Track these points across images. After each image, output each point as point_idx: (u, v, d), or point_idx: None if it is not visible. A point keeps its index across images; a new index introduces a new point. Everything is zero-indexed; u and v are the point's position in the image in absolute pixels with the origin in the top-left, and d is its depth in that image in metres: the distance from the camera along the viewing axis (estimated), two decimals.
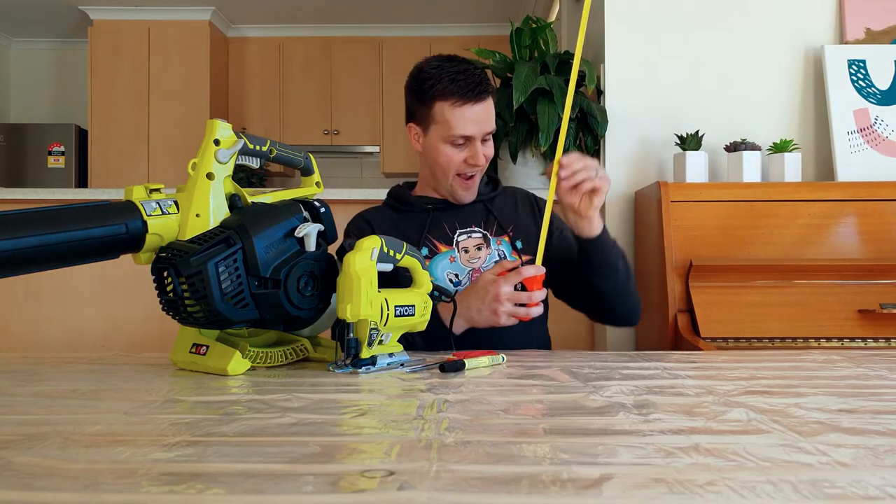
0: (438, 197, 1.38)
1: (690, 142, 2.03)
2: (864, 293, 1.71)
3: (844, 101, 2.10)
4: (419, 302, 0.96)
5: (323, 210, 0.94)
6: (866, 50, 2.13)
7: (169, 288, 0.83)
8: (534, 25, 2.24)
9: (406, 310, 0.93)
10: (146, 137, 4.81)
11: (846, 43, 2.17)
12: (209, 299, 0.81)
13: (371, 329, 0.88)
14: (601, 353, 1.06)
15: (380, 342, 0.90)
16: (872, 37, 2.18)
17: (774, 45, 2.20)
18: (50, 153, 4.77)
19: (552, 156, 2.10)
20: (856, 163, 2.06)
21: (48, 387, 0.79)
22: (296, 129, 5.20)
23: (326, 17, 5.01)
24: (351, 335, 0.87)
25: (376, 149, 5.29)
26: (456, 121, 1.26)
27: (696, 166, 2.00)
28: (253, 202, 0.93)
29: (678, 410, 0.64)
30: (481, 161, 1.29)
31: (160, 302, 0.86)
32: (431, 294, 1.00)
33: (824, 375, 0.86)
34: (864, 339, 1.66)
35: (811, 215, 1.83)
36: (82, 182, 4.82)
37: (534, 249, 1.14)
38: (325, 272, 0.91)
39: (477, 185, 1.35)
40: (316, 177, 1.06)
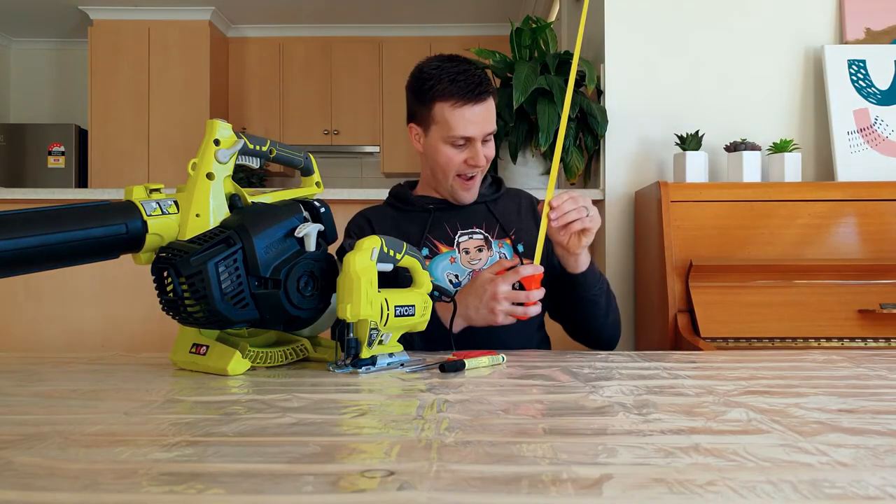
0: (439, 197, 1.38)
1: (690, 142, 2.03)
2: (864, 293, 1.71)
3: (844, 101, 2.10)
4: (419, 302, 0.96)
5: (323, 210, 0.94)
6: (866, 50, 2.13)
7: (169, 288, 0.83)
8: (534, 25, 2.24)
9: (406, 310, 0.93)
10: (146, 137, 4.81)
11: (846, 43, 2.17)
12: (209, 299, 0.81)
13: (371, 329, 0.88)
14: (601, 353, 1.06)
15: (380, 342, 0.90)
16: (872, 37, 2.18)
17: (774, 45, 2.20)
18: (50, 153, 4.77)
19: (552, 156, 2.10)
20: (856, 163, 2.06)
21: (48, 387, 0.79)
22: (296, 129, 5.20)
23: (326, 17, 5.01)
24: (351, 335, 0.87)
25: (376, 149, 5.29)
26: (456, 122, 1.26)
27: (696, 166, 2.00)
28: (253, 202, 0.93)
29: (678, 410, 0.64)
30: (481, 162, 1.29)
31: (160, 302, 0.86)
32: (431, 294, 1.00)
33: (824, 375, 0.86)
34: (864, 339, 1.65)
35: (811, 215, 1.83)
36: (82, 182, 4.82)
37: (535, 254, 1.13)
38: (325, 272, 0.91)
39: (477, 186, 1.35)
40: (316, 177, 1.06)
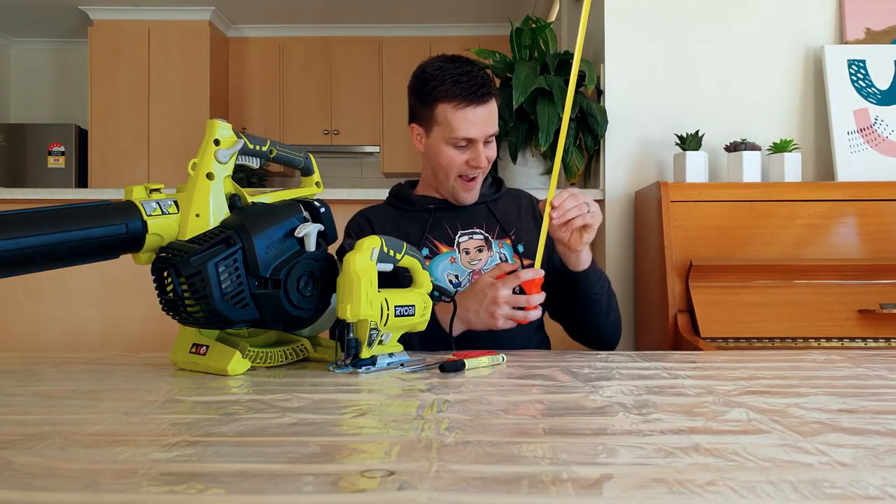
0: (440, 197, 1.38)
1: (690, 142, 2.03)
2: (864, 293, 1.71)
3: (844, 101, 2.10)
4: (419, 302, 0.96)
5: (323, 210, 0.94)
6: (866, 50, 2.13)
7: (169, 288, 0.83)
8: (534, 25, 2.24)
9: (406, 310, 0.93)
10: (146, 137, 4.80)
11: (846, 43, 2.17)
12: (209, 299, 0.81)
13: (371, 329, 0.88)
14: (601, 353, 1.06)
15: (380, 342, 0.90)
16: (872, 37, 2.18)
17: (774, 45, 2.20)
18: (50, 153, 4.77)
19: (552, 156, 2.10)
20: (856, 163, 2.06)
21: (48, 387, 0.79)
22: (296, 129, 5.20)
23: (326, 17, 5.01)
24: (351, 335, 0.87)
25: (376, 149, 5.29)
26: (458, 123, 1.25)
27: (696, 166, 2.00)
28: (253, 202, 0.93)
29: (678, 410, 0.64)
30: (483, 163, 1.29)
31: (160, 302, 0.86)
32: (431, 294, 1.00)
33: (824, 375, 0.86)
34: (864, 339, 1.65)
35: (811, 215, 1.83)
36: (82, 182, 4.82)
37: (535, 253, 1.13)
38: (325, 272, 0.91)
39: (479, 187, 1.35)
40: (316, 177, 1.06)
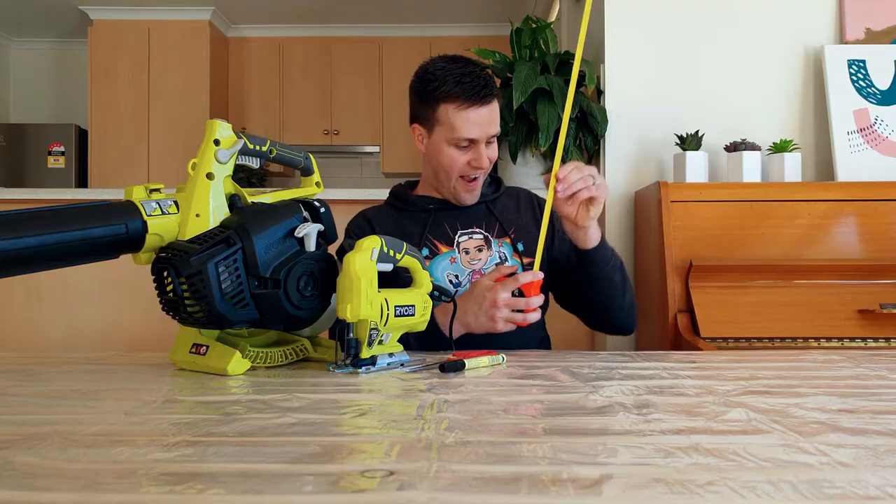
0: (440, 197, 1.38)
1: (690, 142, 2.03)
2: (864, 293, 1.71)
3: (844, 101, 2.10)
4: (419, 302, 0.96)
5: (323, 210, 0.94)
6: (866, 50, 2.13)
7: (169, 288, 0.83)
8: (534, 25, 2.24)
9: (406, 310, 0.93)
10: (146, 137, 4.80)
11: (846, 43, 2.17)
12: (209, 299, 0.81)
13: (371, 329, 0.88)
14: (601, 353, 1.06)
15: (380, 342, 0.90)
16: (872, 37, 2.18)
17: (774, 45, 2.20)
18: (50, 153, 4.77)
19: (552, 156, 2.10)
20: (856, 163, 2.06)
21: (48, 387, 0.79)
22: (296, 129, 5.20)
23: (326, 17, 5.01)
24: (351, 335, 0.87)
25: (376, 149, 5.29)
26: (460, 123, 1.25)
27: (696, 166, 2.00)
28: (253, 202, 0.93)
29: (678, 410, 0.64)
30: (485, 164, 1.29)
31: (160, 302, 0.86)
32: (431, 294, 1.00)
33: (824, 375, 0.86)
34: (864, 339, 1.65)
35: (811, 215, 1.83)
36: (82, 182, 4.81)
37: (535, 251, 1.13)
38: (325, 272, 0.91)
39: (480, 188, 1.35)
40: (316, 177, 1.06)
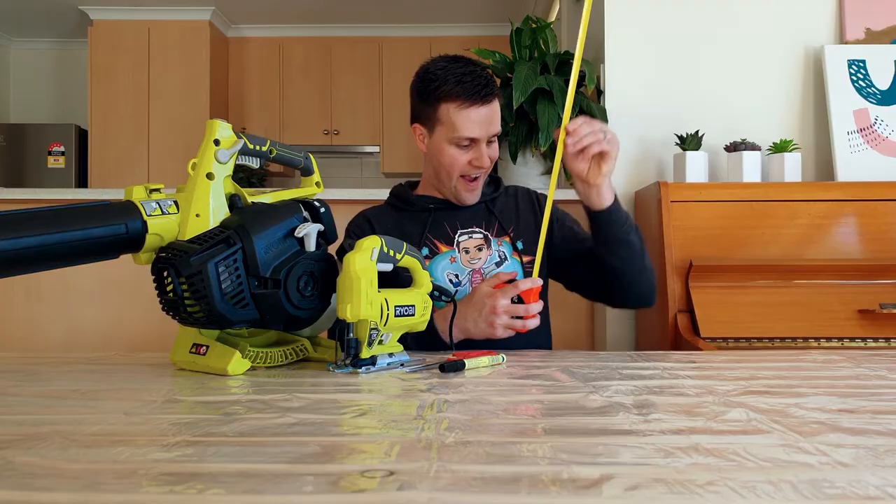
0: (441, 197, 1.38)
1: (690, 142, 2.03)
2: (864, 293, 1.71)
3: (844, 101, 2.10)
4: (419, 302, 0.96)
5: (323, 210, 0.94)
6: (866, 50, 2.13)
7: (169, 288, 0.83)
8: (534, 25, 2.24)
9: (406, 310, 0.93)
10: (146, 137, 4.80)
11: (846, 43, 2.17)
12: (209, 299, 0.81)
13: (371, 329, 0.88)
14: (601, 353, 1.06)
15: (380, 342, 0.90)
16: (872, 37, 2.18)
17: (774, 45, 2.20)
18: (50, 153, 4.77)
19: (552, 156, 2.10)
20: (856, 163, 2.06)
21: (48, 387, 0.79)
22: (296, 129, 5.19)
23: (326, 17, 5.01)
24: (351, 335, 0.87)
25: (376, 149, 5.29)
26: (461, 123, 1.25)
27: (696, 166, 2.00)
28: (253, 202, 0.93)
29: (678, 410, 0.64)
30: (486, 163, 1.29)
31: (160, 302, 0.86)
32: (431, 294, 1.00)
33: (824, 375, 0.86)
34: (864, 339, 1.65)
35: (811, 215, 1.83)
36: (82, 182, 4.81)
37: (534, 249, 1.13)
38: (325, 272, 0.91)
39: (481, 188, 1.35)
40: (316, 177, 1.06)
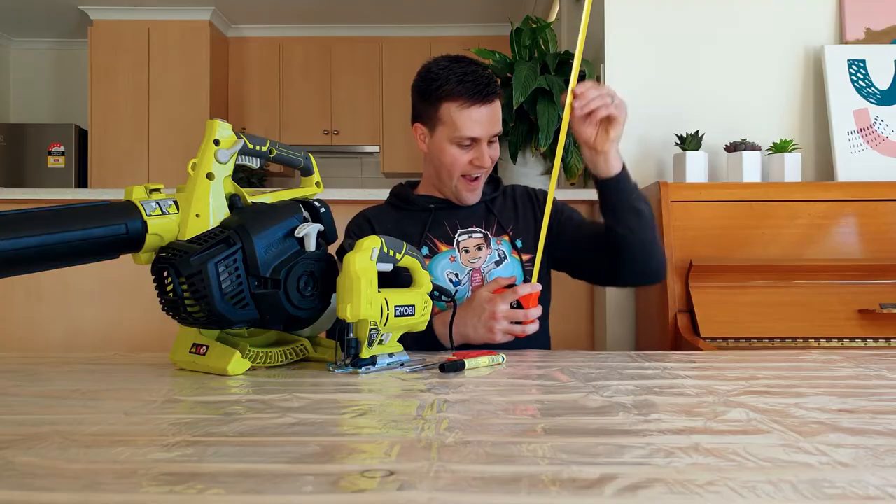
0: (441, 197, 1.38)
1: (690, 142, 2.03)
2: (864, 293, 1.71)
3: (844, 101, 2.10)
4: (419, 302, 0.96)
5: (323, 210, 0.94)
6: (866, 50, 2.13)
7: (169, 288, 0.83)
8: (534, 25, 2.24)
9: (406, 310, 0.93)
10: (146, 137, 4.80)
11: (846, 43, 2.17)
12: (209, 299, 0.81)
13: (371, 329, 0.88)
14: (601, 353, 1.06)
15: (380, 342, 0.90)
16: (872, 37, 2.18)
17: (774, 45, 2.20)
18: (50, 153, 4.77)
19: (552, 156, 2.10)
20: (856, 163, 2.06)
21: (48, 387, 0.79)
22: (296, 129, 5.19)
23: (326, 17, 5.01)
24: (351, 335, 0.87)
25: (376, 149, 5.29)
26: (463, 122, 1.25)
27: (696, 166, 2.00)
28: (253, 202, 0.93)
29: (678, 410, 0.64)
30: (487, 163, 1.29)
31: (160, 302, 0.86)
32: (431, 294, 1.00)
33: (824, 375, 0.86)
34: (864, 339, 1.65)
35: (811, 215, 1.82)
36: (82, 182, 4.81)
37: (534, 247, 1.13)
38: (325, 272, 0.91)
39: (481, 187, 1.35)
40: (316, 177, 1.06)
